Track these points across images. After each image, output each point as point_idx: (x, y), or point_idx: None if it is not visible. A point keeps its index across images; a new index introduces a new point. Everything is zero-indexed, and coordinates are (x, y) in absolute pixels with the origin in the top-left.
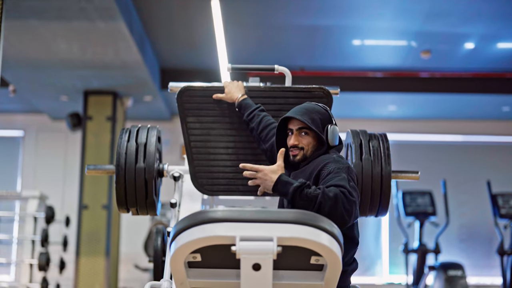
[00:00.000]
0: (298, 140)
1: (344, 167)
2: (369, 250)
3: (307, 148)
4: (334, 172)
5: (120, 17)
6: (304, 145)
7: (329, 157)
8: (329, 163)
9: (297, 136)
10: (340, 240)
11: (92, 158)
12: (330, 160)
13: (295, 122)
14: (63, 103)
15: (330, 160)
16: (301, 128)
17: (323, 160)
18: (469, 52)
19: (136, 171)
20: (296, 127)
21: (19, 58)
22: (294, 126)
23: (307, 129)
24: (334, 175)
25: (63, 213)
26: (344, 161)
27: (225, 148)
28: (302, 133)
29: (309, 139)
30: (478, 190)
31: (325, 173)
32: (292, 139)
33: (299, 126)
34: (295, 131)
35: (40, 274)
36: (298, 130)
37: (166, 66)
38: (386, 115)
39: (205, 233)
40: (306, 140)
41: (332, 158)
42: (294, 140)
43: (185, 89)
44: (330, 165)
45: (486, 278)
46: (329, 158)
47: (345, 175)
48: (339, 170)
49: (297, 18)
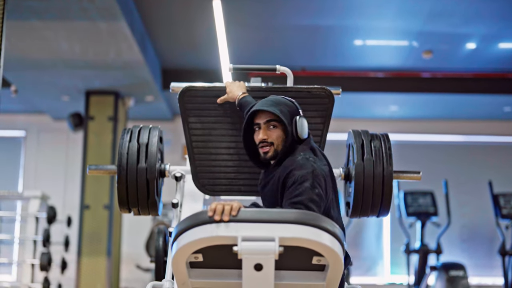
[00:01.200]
0: (267, 134)
1: (309, 173)
2: (370, 251)
3: (277, 142)
4: (297, 183)
5: (122, 17)
6: (274, 139)
7: (295, 161)
8: (294, 170)
9: (265, 130)
10: (342, 240)
11: (93, 158)
12: (295, 165)
13: (262, 116)
14: (64, 103)
15: (295, 165)
16: (269, 120)
17: (289, 165)
18: (471, 52)
19: (138, 171)
20: (263, 120)
21: (21, 59)
22: (261, 120)
23: (276, 121)
24: (297, 186)
25: (64, 213)
26: (309, 164)
27: (226, 148)
28: (270, 127)
29: (278, 132)
30: (480, 191)
31: (289, 182)
32: (261, 133)
33: (267, 119)
34: (263, 125)
35: (42, 274)
36: (266, 123)
37: (167, 66)
38: (388, 115)
39: (206, 234)
40: (275, 133)
41: (297, 162)
42: (263, 134)
43: (186, 89)
44: (294, 172)
45: (487, 279)
46: (295, 162)
47: (308, 183)
48: (302, 179)
49: (299, 18)
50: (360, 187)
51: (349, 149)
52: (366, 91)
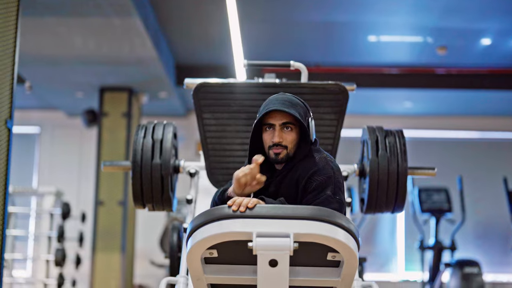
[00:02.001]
0: (282, 136)
1: (330, 178)
2: (384, 247)
3: (291, 146)
4: (318, 190)
5: (135, 13)
6: (288, 143)
7: (315, 162)
8: (314, 175)
9: (280, 132)
10: (357, 236)
11: (107, 154)
12: (316, 168)
13: (278, 116)
14: (78, 99)
15: (316, 168)
16: (286, 123)
17: (310, 167)
18: (486, 48)
19: (152, 167)
20: (279, 122)
21: (35, 55)
22: (276, 121)
23: (292, 124)
24: (318, 194)
25: (79, 209)
26: (329, 166)
27: (240, 144)
28: (285, 129)
29: (293, 135)
30: (495, 187)
31: (310, 188)
32: (276, 136)
33: (283, 121)
34: (278, 126)
35: (56, 270)
36: (281, 125)
37: (181, 62)
38: (402, 111)
39: (222, 229)
40: (290, 136)
41: (317, 164)
42: (278, 137)
43: (201, 85)
44: (315, 178)
45: (502, 275)
46: (315, 164)
47: (329, 191)
48: (323, 186)
49: (313, 14)
50: (375, 183)
51: (363, 146)
52: (380, 87)
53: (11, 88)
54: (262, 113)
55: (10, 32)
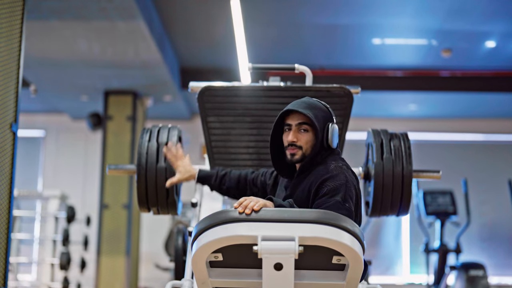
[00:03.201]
0: (297, 137)
1: (342, 185)
2: (389, 250)
3: (306, 147)
4: (328, 195)
5: (140, 17)
6: (303, 143)
7: (328, 170)
8: (326, 181)
9: (296, 133)
10: (362, 240)
11: (112, 157)
12: (329, 174)
13: (295, 117)
14: (83, 103)
15: (329, 174)
16: (301, 123)
17: (322, 174)
18: (490, 50)
19: (157, 171)
20: (296, 122)
21: (40, 58)
22: (293, 121)
23: (308, 125)
24: (328, 199)
25: (83, 212)
26: (343, 174)
27: (245, 148)
28: (301, 130)
29: (308, 136)
30: (500, 190)
31: (321, 193)
32: (291, 135)
33: (299, 121)
34: (294, 127)
35: (61, 273)
36: (298, 125)
37: (185, 66)
38: (407, 114)
39: (227, 233)
40: (305, 137)
41: (331, 171)
42: (293, 136)
43: (205, 89)
44: (327, 184)
45: (507, 278)
46: (328, 171)
47: (339, 197)
48: (334, 192)
49: (317, 16)
50: (380, 186)
51: (368, 149)
52: (385, 90)
53: (16, 92)
54: (280, 114)
55: (15, 35)
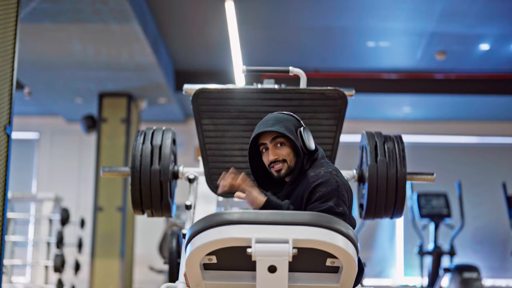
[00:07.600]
0: (277, 153)
1: (333, 190)
2: (383, 252)
3: (289, 158)
4: (321, 200)
5: (135, 19)
6: (285, 156)
7: (318, 176)
8: (318, 187)
9: (274, 150)
10: (356, 242)
11: (106, 160)
12: (320, 180)
13: (267, 136)
14: (78, 105)
15: (320, 180)
16: (275, 138)
17: (313, 181)
18: (485, 53)
19: (151, 173)
20: (269, 140)
21: (34, 61)
22: (267, 139)
23: (281, 137)
24: (320, 204)
25: (78, 215)
26: (333, 179)
27: (240, 150)
28: (277, 145)
29: (287, 149)
30: (494, 192)
31: (313, 198)
32: (270, 154)
33: (272, 137)
34: (270, 145)
35: (55, 276)
36: (272, 141)
37: (180, 68)
38: (401, 116)
39: (221, 235)
40: (285, 150)
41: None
42: (273, 154)
43: (200, 91)
44: (319, 189)
45: (501, 280)
46: (319, 177)
47: (332, 202)
48: (327, 197)
49: (311, 19)
50: (374, 189)
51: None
52: (379, 93)
53: (10, 94)
54: (251, 139)
55: (9, 38)
